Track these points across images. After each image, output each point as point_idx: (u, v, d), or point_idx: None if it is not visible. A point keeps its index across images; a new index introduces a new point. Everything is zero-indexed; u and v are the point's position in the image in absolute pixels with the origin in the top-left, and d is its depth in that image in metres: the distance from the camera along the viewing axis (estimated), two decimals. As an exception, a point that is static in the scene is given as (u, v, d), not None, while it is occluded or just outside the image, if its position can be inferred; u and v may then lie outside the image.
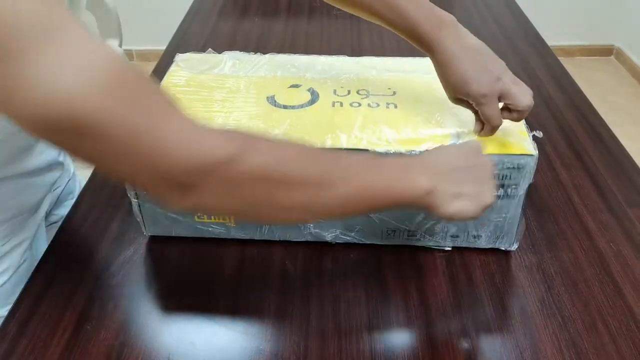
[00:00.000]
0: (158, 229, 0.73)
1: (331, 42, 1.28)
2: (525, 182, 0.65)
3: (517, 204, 0.67)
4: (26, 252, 0.76)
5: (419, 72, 0.79)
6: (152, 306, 0.65)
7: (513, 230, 0.69)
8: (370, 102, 0.72)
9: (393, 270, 0.69)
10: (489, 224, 0.68)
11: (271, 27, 1.36)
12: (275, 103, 0.73)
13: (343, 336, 0.61)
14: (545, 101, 1.04)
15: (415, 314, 0.64)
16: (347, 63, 0.83)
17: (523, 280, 0.68)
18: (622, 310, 0.64)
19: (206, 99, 0.74)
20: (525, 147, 0.64)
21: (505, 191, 0.65)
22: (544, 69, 1.15)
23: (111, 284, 0.68)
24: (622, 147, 0.91)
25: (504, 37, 1.29)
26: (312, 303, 0.65)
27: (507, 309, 0.65)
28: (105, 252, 0.72)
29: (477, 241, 0.70)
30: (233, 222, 0.71)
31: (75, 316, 0.64)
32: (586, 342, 0.61)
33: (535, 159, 0.63)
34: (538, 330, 0.62)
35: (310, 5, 1.47)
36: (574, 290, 0.66)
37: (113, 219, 0.77)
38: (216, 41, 1.27)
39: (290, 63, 0.82)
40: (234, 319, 0.64)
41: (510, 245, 0.70)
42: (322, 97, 0.73)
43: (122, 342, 0.61)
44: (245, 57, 0.84)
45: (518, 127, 0.67)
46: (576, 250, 0.72)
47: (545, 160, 0.88)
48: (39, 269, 0.70)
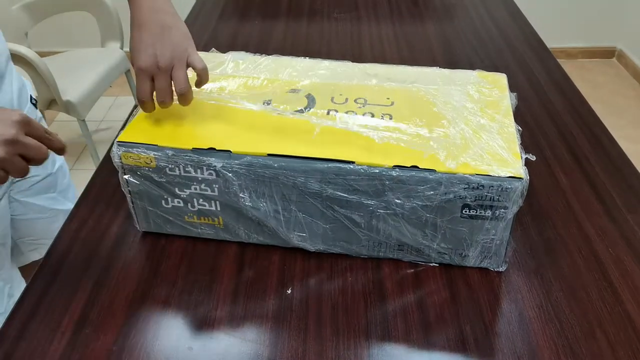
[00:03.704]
0: (150, 226, 0.74)
1: (331, 45, 1.28)
2: (514, 205, 0.63)
3: (505, 227, 0.65)
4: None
5: (420, 83, 0.78)
6: (150, 311, 0.66)
7: (501, 252, 0.68)
8: (366, 111, 0.72)
9: (391, 276, 0.69)
10: (476, 245, 0.67)
11: (271, 30, 1.36)
12: (271, 108, 0.73)
13: (341, 342, 0.62)
14: (545, 105, 1.04)
15: (413, 319, 0.64)
16: (349, 69, 0.83)
17: (521, 285, 0.68)
18: (620, 317, 0.64)
19: (203, 100, 0.75)
20: (516, 170, 0.62)
21: (493, 213, 0.64)
22: (543, 72, 1.15)
23: (110, 289, 0.68)
24: (622, 152, 0.91)
25: (504, 40, 1.29)
26: (310, 309, 0.65)
27: (505, 314, 0.65)
28: (104, 256, 0.72)
29: (464, 260, 0.69)
30: (222, 224, 0.71)
31: (73, 321, 0.64)
32: (584, 349, 0.61)
33: (524, 183, 0.61)
34: (536, 336, 0.62)
35: (311, 8, 1.47)
36: (573, 296, 0.66)
37: (113, 222, 0.77)
38: (217, 43, 1.27)
39: (293, 66, 0.82)
40: (232, 324, 0.64)
41: (499, 267, 0.69)
42: (318, 104, 0.73)
43: (120, 347, 0.61)
44: (248, 58, 0.84)
45: (512, 149, 0.65)
46: (575, 255, 0.72)
47: (544, 165, 0.88)
48: (37, 274, 0.70)
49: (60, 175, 0.98)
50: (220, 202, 0.69)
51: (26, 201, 0.92)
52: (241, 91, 0.77)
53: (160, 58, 0.65)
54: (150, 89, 0.67)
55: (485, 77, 0.81)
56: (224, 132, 0.69)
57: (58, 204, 0.97)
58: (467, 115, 0.71)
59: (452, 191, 0.63)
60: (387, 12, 1.44)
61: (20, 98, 0.87)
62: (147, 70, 0.66)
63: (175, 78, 0.66)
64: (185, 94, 0.68)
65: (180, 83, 0.67)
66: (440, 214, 0.65)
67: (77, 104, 1.87)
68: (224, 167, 0.65)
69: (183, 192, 0.69)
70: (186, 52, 0.67)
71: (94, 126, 2.51)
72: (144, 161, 0.67)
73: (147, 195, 0.70)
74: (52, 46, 2.68)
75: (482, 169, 0.62)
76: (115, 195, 0.81)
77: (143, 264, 0.71)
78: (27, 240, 0.96)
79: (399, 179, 0.63)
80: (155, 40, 0.66)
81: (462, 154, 0.64)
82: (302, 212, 0.68)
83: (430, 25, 1.37)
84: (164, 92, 0.67)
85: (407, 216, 0.66)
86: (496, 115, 0.71)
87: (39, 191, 0.93)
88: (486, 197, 0.63)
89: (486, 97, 0.76)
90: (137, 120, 0.71)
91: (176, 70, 0.66)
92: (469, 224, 0.65)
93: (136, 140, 0.67)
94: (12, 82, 0.86)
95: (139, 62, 0.66)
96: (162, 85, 0.67)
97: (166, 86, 0.67)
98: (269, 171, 0.65)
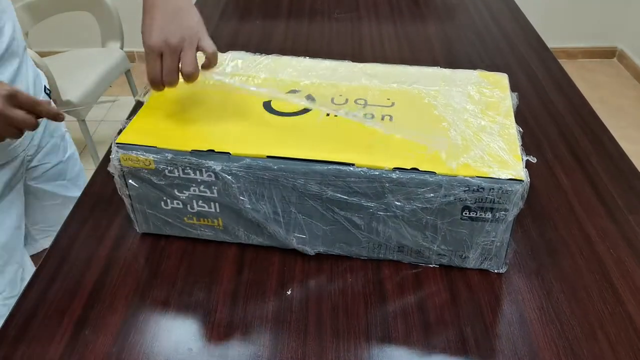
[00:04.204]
0: (150, 228, 0.74)
1: (332, 45, 1.28)
2: (515, 208, 0.63)
3: (506, 229, 0.65)
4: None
5: (421, 84, 0.78)
6: (150, 312, 0.65)
7: (501, 254, 0.67)
8: (366, 112, 0.72)
9: (391, 277, 0.69)
10: (476, 247, 0.67)
11: (272, 30, 1.36)
12: (270, 109, 0.72)
13: (341, 343, 0.61)
14: (546, 105, 1.03)
15: (414, 321, 0.64)
16: (349, 69, 0.82)
17: (522, 286, 0.68)
18: (621, 318, 0.64)
19: (203, 100, 0.75)
20: (516, 172, 0.61)
21: (493, 215, 0.64)
22: (544, 72, 1.15)
23: (109, 290, 0.68)
24: (623, 153, 0.91)
25: (505, 40, 1.29)
26: (310, 310, 0.65)
27: (506, 315, 0.65)
28: (103, 256, 0.72)
29: (464, 262, 0.69)
30: (221, 225, 0.71)
31: (72, 322, 0.64)
32: (585, 350, 0.60)
33: (525, 185, 0.61)
34: (537, 337, 0.62)
35: (311, 8, 1.47)
36: (573, 297, 0.66)
37: (113, 223, 0.77)
38: (217, 43, 1.26)
39: (293, 66, 0.82)
40: (231, 325, 0.64)
41: (499, 268, 0.69)
42: (318, 106, 0.73)
43: (119, 348, 0.61)
44: (248, 58, 0.83)
45: (513, 150, 0.65)
46: (576, 256, 0.72)
47: (545, 165, 0.87)
48: (37, 274, 0.70)
49: (71, 163, 1.03)
50: (219, 203, 0.69)
51: (39, 187, 0.96)
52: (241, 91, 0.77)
53: (171, 39, 0.65)
54: (160, 68, 0.67)
55: (487, 77, 0.81)
56: (224, 133, 0.68)
57: (69, 191, 1.02)
58: (467, 117, 0.71)
59: (453, 193, 0.62)
60: (388, 12, 1.44)
61: (35, 87, 0.91)
62: (157, 49, 0.66)
63: (183, 59, 0.67)
64: (191, 76, 0.67)
65: (187, 65, 0.66)
66: (440, 216, 0.65)
67: (78, 104, 1.87)
68: (223, 169, 0.65)
69: (182, 193, 0.69)
70: (197, 36, 0.67)
71: (93, 126, 2.51)
72: (142, 163, 0.67)
73: (146, 197, 0.70)
74: (52, 46, 2.68)
75: (483, 171, 0.62)
76: (114, 195, 0.80)
77: (143, 265, 0.71)
78: (40, 228, 1.00)
79: (399, 181, 0.62)
80: (167, 21, 0.66)
81: (463, 155, 0.64)
82: (301, 214, 0.68)
83: (431, 25, 1.37)
84: (171, 72, 0.67)
85: (407, 218, 0.65)
86: (497, 117, 0.71)
87: (51, 178, 0.98)
88: (486, 199, 0.62)
89: (487, 98, 0.75)
90: (136, 120, 0.71)
91: (185, 51, 0.66)
92: (469, 226, 0.65)
93: (135, 142, 0.66)
94: (28, 70, 0.89)
95: (150, 41, 0.66)
96: (169, 65, 0.67)
97: (173, 67, 0.67)
98: (268, 173, 0.65)
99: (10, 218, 0.88)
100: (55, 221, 0.97)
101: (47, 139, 0.95)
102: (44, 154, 0.95)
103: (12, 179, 0.87)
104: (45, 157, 0.95)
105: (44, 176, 0.96)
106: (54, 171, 0.98)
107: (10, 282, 0.89)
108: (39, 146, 0.92)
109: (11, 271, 0.89)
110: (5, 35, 0.81)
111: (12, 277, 0.89)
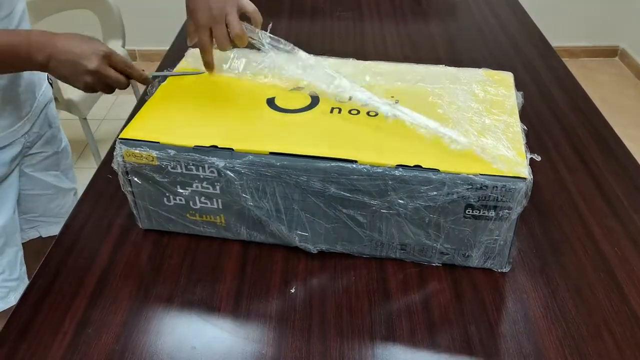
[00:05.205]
0: (152, 224, 0.74)
1: (334, 44, 1.28)
2: (518, 206, 0.62)
3: (509, 227, 0.64)
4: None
5: (426, 82, 0.78)
6: (153, 310, 0.65)
7: (505, 252, 0.67)
8: (370, 109, 0.71)
9: (396, 275, 0.69)
10: (479, 245, 0.66)
11: (274, 29, 1.35)
12: (274, 106, 0.72)
13: (345, 341, 0.61)
14: (549, 104, 1.03)
15: (418, 319, 0.63)
16: (353, 67, 0.82)
17: (527, 285, 0.67)
18: (626, 317, 0.63)
19: (208, 96, 0.74)
20: (520, 170, 0.61)
21: (497, 214, 0.63)
22: (547, 71, 1.15)
23: (112, 288, 0.67)
24: (627, 151, 0.90)
25: (508, 39, 1.29)
26: (314, 308, 0.65)
27: (511, 314, 0.64)
28: (106, 254, 0.72)
29: (467, 260, 0.69)
30: (223, 222, 0.71)
31: (75, 320, 0.63)
32: (590, 349, 0.60)
33: (528, 183, 0.61)
34: (542, 335, 0.62)
35: (313, 6, 1.46)
36: (578, 296, 0.66)
37: (115, 220, 0.77)
38: (219, 42, 1.27)
39: (297, 64, 0.82)
40: (235, 323, 0.63)
41: (502, 267, 0.69)
42: (321, 103, 0.73)
43: (123, 346, 0.61)
44: (252, 55, 0.83)
45: (517, 148, 0.65)
46: (580, 255, 0.71)
47: (549, 164, 0.87)
48: (39, 273, 0.70)
49: (64, 155, 1.04)
50: (222, 200, 0.69)
51: (33, 175, 0.98)
52: (245, 88, 0.77)
53: (215, 10, 0.73)
54: (210, 40, 0.75)
55: (492, 76, 0.80)
56: (227, 129, 0.68)
57: (60, 182, 1.04)
58: (471, 116, 0.70)
59: (456, 191, 0.62)
60: (390, 11, 1.43)
61: (39, 74, 0.94)
62: (207, 25, 0.74)
63: (229, 23, 0.74)
64: (241, 36, 0.75)
65: (234, 27, 0.74)
66: (443, 215, 0.64)
67: (79, 102, 1.87)
68: (226, 166, 0.65)
69: (185, 190, 0.68)
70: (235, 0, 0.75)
71: (95, 125, 2.50)
72: (145, 159, 0.66)
73: (149, 194, 0.70)
74: (53, 45, 2.67)
75: (486, 169, 0.62)
76: (117, 193, 0.80)
77: (146, 263, 0.71)
78: (27, 218, 1.01)
79: (401, 178, 0.62)
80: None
81: (466, 152, 0.64)
82: (304, 212, 0.67)
83: (434, 23, 1.37)
84: (224, 39, 0.75)
85: (410, 216, 0.65)
86: (501, 115, 0.71)
87: (46, 167, 1.00)
88: (490, 197, 0.62)
89: (492, 96, 0.75)
90: (140, 116, 0.71)
91: (229, 15, 0.73)
92: (472, 224, 0.65)
93: (138, 138, 0.66)
94: None
95: (200, 20, 0.74)
96: (219, 33, 0.74)
97: (223, 33, 0.74)
98: (271, 170, 0.64)
99: (9, 201, 0.90)
100: (43, 212, 1.02)
101: (46, 128, 0.97)
102: (43, 143, 0.97)
103: (12, 162, 0.89)
104: (43, 146, 0.97)
105: (40, 164, 0.99)
106: (50, 161, 1.00)
107: (10, 263, 0.90)
108: (38, 134, 0.94)
109: (10, 253, 0.90)
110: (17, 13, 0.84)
111: (11, 259, 0.90)
